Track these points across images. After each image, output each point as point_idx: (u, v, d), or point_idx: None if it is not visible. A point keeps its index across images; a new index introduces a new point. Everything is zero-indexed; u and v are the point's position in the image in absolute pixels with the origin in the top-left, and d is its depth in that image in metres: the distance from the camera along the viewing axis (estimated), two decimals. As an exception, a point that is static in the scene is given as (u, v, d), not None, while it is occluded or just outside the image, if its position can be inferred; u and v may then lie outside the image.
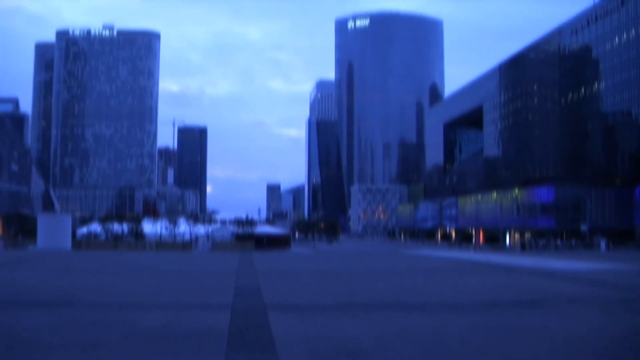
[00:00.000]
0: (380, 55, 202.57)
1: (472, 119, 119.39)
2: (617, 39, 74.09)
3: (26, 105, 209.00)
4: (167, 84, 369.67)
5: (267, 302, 12.21)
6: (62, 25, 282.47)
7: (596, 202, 67.89)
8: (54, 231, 46.87)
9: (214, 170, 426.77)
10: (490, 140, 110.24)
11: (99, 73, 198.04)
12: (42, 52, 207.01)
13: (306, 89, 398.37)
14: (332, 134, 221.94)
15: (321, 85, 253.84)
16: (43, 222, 49.10)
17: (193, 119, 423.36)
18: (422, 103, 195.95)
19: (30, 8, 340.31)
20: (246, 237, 60.58)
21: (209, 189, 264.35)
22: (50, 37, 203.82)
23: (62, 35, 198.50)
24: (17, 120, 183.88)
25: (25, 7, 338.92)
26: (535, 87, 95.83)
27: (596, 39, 78.01)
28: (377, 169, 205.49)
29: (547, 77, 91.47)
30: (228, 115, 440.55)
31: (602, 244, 54.26)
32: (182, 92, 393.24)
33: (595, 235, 59.50)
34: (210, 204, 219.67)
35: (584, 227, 62.44)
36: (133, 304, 12.41)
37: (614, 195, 69.23)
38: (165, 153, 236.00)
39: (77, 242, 52.07)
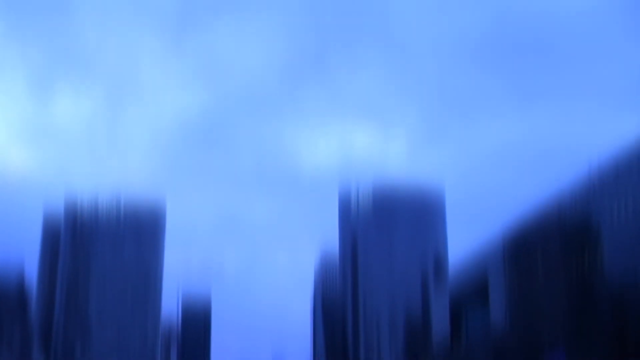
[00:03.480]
0: (383, 230, 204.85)
1: (478, 292, 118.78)
2: (617, 208, 75.48)
3: (31, 263, 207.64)
4: (172, 254, 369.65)
5: None
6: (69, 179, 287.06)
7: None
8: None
9: (218, 354, 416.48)
10: (496, 314, 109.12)
11: (105, 247, 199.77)
12: (49, 219, 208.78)
13: (310, 257, 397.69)
14: (336, 310, 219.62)
15: (325, 258, 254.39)
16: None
17: (197, 291, 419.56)
18: (427, 273, 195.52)
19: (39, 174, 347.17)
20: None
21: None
22: (57, 189, 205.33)
23: (70, 207, 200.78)
24: (21, 292, 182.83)
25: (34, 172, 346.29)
26: (538, 258, 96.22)
27: (597, 208, 79.44)
28: (383, 346, 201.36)
29: (550, 248, 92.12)
30: (233, 288, 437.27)
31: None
32: (187, 261, 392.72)
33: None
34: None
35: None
36: None
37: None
38: (169, 330, 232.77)
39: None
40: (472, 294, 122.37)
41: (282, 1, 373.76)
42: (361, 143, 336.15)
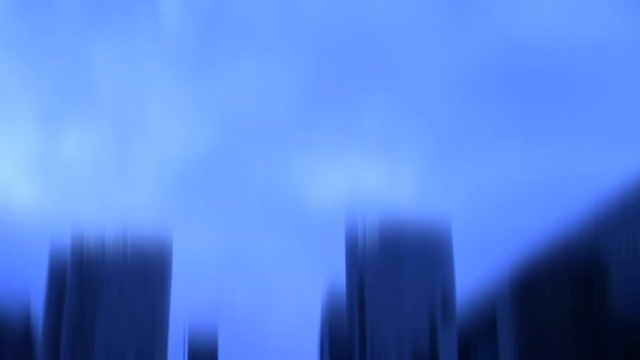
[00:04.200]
0: (391, 266, 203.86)
1: (486, 330, 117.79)
2: (625, 244, 75.14)
3: (37, 300, 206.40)
4: (178, 291, 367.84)
5: None
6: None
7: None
8: None
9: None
10: (505, 352, 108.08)
11: (111, 285, 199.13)
12: (55, 256, 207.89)
13: (317, 294, 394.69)
14: (344, 347, 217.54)
15: (332, 294, 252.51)
16: None
17: (204, 329, 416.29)
18: (435, 310, 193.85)
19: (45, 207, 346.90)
20: None
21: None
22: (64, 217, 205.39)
23: (76, 244, 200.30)
24: (27, 330, 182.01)
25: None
26: (547, 295, 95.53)
27: (604, 245, 79.09)
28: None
29: (558, 285, 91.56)
30: (240, 326, 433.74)
31: None
32: (193, 299, 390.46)
33: None
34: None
35: None
36: None
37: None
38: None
39: None
40: (480, 331, 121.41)
41: (292, 39, 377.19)
42: (368, 178, 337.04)
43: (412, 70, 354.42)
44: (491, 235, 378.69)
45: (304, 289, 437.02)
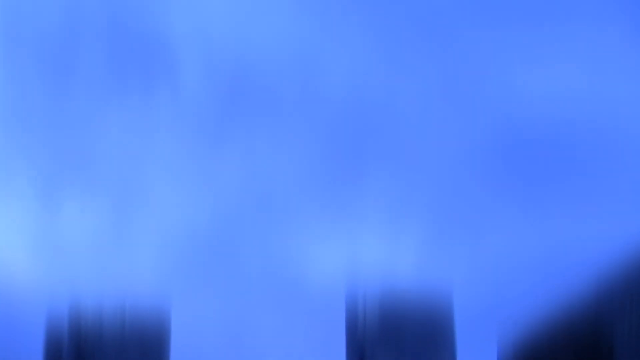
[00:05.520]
0: (391, 347, 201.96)
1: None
2: (629, 319, 74.35)
3: None
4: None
5: None
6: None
7: None
8: None
9: None
10: None
11: (108, 359, 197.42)
12: (51, 330, 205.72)
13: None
14: None
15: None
16: None
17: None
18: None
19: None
20: None
21: None
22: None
23: (74, 317, 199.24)
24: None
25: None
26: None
27: (608, 320, 78.28)
28: None
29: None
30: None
31: None
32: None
33: None
34: None
35: None
36: None
37: None
38: None
39: None
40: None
41: (309, 116, 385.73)
42: (370, 251, 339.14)
43: (413, 142, 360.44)
44: (493, 309, 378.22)
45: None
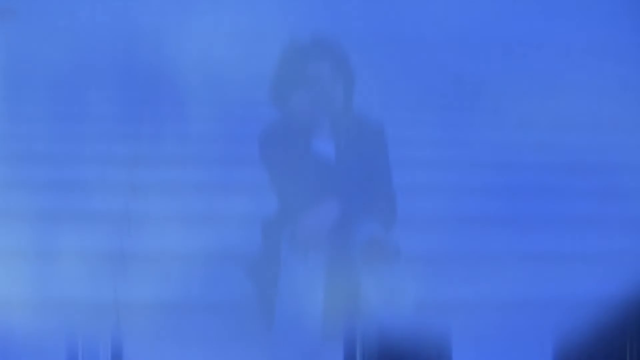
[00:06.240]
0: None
1: None
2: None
3: None
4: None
5: None
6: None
7: None
8: None
9: None
10: None
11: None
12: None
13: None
14: None
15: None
16: None
17: None
18: None
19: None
20: None
21: None
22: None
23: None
24: None
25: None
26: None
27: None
28: None
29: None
30: None
31: None
32: None
33: None
34: None
35: None
36: None
37: None
38: None
39: None
40: None
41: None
42: (366, 290, 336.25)
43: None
44: (495, 345, 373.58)
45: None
